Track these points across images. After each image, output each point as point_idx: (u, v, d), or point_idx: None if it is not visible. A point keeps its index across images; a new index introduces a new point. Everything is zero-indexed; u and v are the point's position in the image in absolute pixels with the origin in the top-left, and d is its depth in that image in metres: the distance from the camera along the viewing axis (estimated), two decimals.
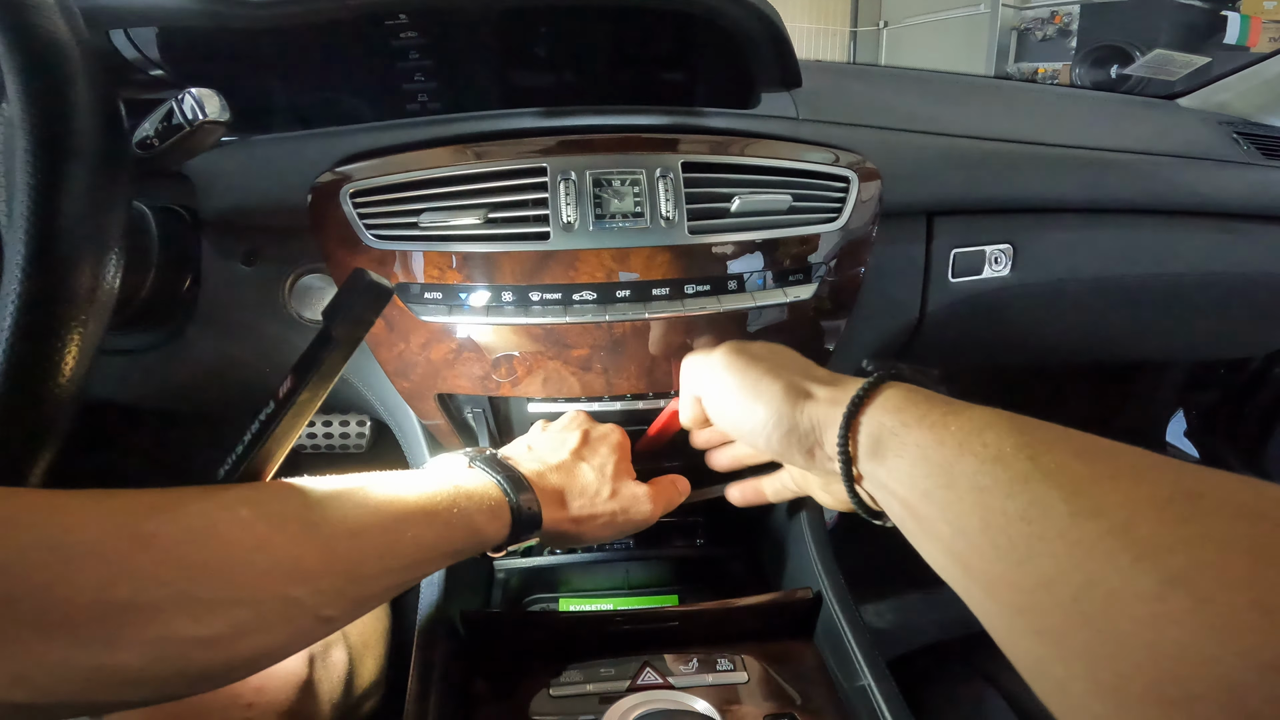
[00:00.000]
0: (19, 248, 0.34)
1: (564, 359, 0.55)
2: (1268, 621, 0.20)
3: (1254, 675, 0.20)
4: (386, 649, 0.76)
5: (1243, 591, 0.21)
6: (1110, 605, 0.23)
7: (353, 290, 0.37)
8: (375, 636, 0.74)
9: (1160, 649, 0.22)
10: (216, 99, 0.43)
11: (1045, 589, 0.25)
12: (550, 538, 0.50)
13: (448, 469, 0.47)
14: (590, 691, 0.52)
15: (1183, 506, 0.24)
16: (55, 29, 0.35)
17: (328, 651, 0.63)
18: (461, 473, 0.46)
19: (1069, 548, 0.25)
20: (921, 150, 0.66)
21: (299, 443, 1.03)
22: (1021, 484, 0.27)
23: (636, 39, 0.64)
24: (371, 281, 0.37)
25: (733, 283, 0.54)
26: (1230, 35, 3.09)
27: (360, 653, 0.69)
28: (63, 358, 0.34)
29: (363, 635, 0.71)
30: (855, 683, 0.52)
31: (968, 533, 0.29)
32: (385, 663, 0.75)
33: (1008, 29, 3.83)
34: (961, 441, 0.31)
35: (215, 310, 0.59)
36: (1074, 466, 0.27)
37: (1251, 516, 0.22)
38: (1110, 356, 1.01)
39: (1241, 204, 0.81)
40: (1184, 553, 0.22)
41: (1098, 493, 0.25)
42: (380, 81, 0.62)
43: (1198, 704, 0.21)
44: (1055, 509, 0.26)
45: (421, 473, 0.45)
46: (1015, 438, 0.29)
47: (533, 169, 0.52)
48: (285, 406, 0.38)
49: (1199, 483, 0.24)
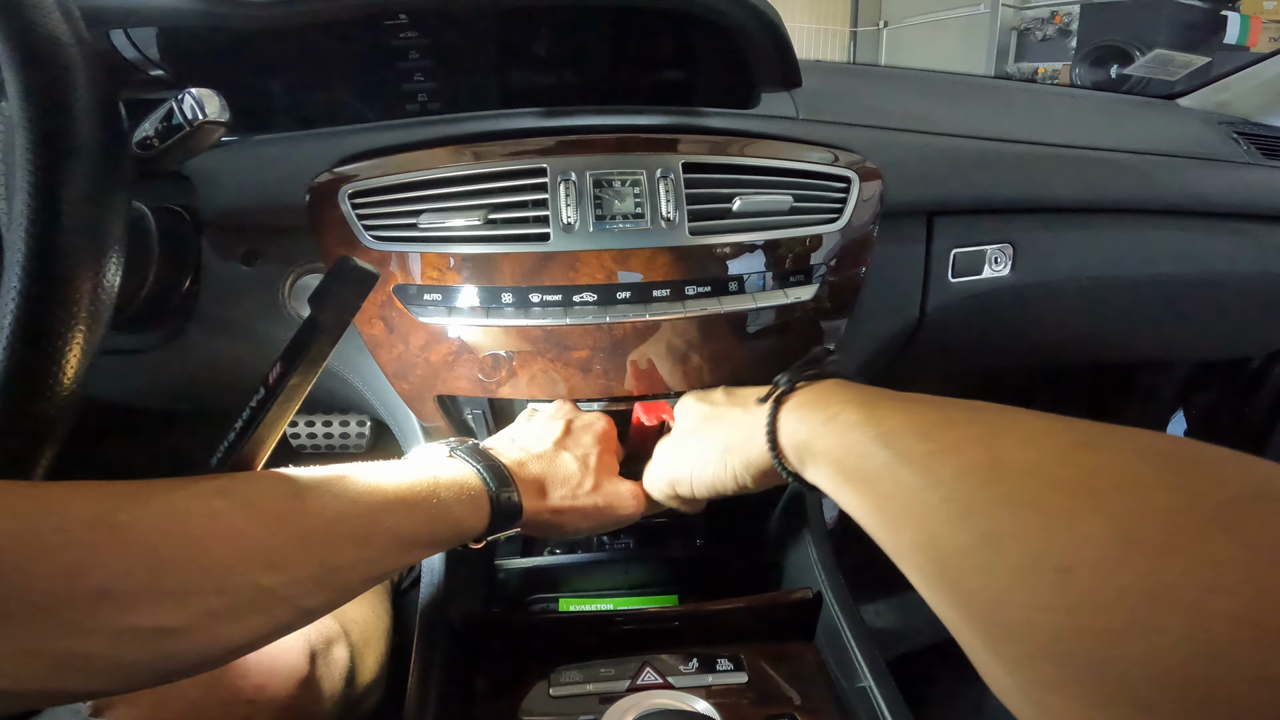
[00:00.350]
0: (19, 247, 0.34)
1: (564, 360, 0.55)
2: (1059, 577, 0.23)
3: (1043, 617, 0.24)
4: (387, 647, 0.75)
5: (1030, 544, 0.25)
6: (950, 561, 0.28)
7: (338, 276, 0.38)
8: (376, 634, 0.74)
9: (981, 597, 0.27)
10: (216, 99, 0.43)
11: (919, 552, 0.31)
12: (531, 528, 0.50)
13: (428, 459, 0.48)
14: (590, 691, 0.52)
15: (988, 471, 0.29)
16: (55, 28, 0.35)
17: (329, 649, 0.63)
18: (442, 463, 0.47)
19: (923, 517, 0.30)
20: (921, 150, 0.66)
21: (299, 443, 1.03)
22: (888, 470, 0.33)
23: (637, 39, 0.64)
24: (356, 267, 0.38)
25: (733, 284, 0.54)
26: (1230, 35, 3.09)
27: (361, 650, 0.69)
28: (64, 358, 0.34)
29: (364, 633, 0.71)
30: (855, 683, 0.52)
31: (868, 514, 0.35)
32: (385, 660, 0.74)
33: (1008, 29, 3.82)
34: (846, 447, 0.37)
35: (215, 310, 0.59)
36: (917, 448, 0.32)
37: (1038, 476, 0.27)
38: (1110, 356, 1.01)
39: (1242, 204, 0.81)
40: (988, 513, 0.27)
41: (935, 466, 0.31)
42: (380, 82, 0.62)
43: (1016, 644, 0.25)
44: (909, 484, 0.32)
45: (401, 463, 0.45)
46: (874, 429, 0.35)
47: (533, 169, 0.52)
48: (274, 394, 0.38)
49: (1006, 449, 0.29)
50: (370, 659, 0.71)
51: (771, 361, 0.60)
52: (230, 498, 0.35)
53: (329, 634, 0.64)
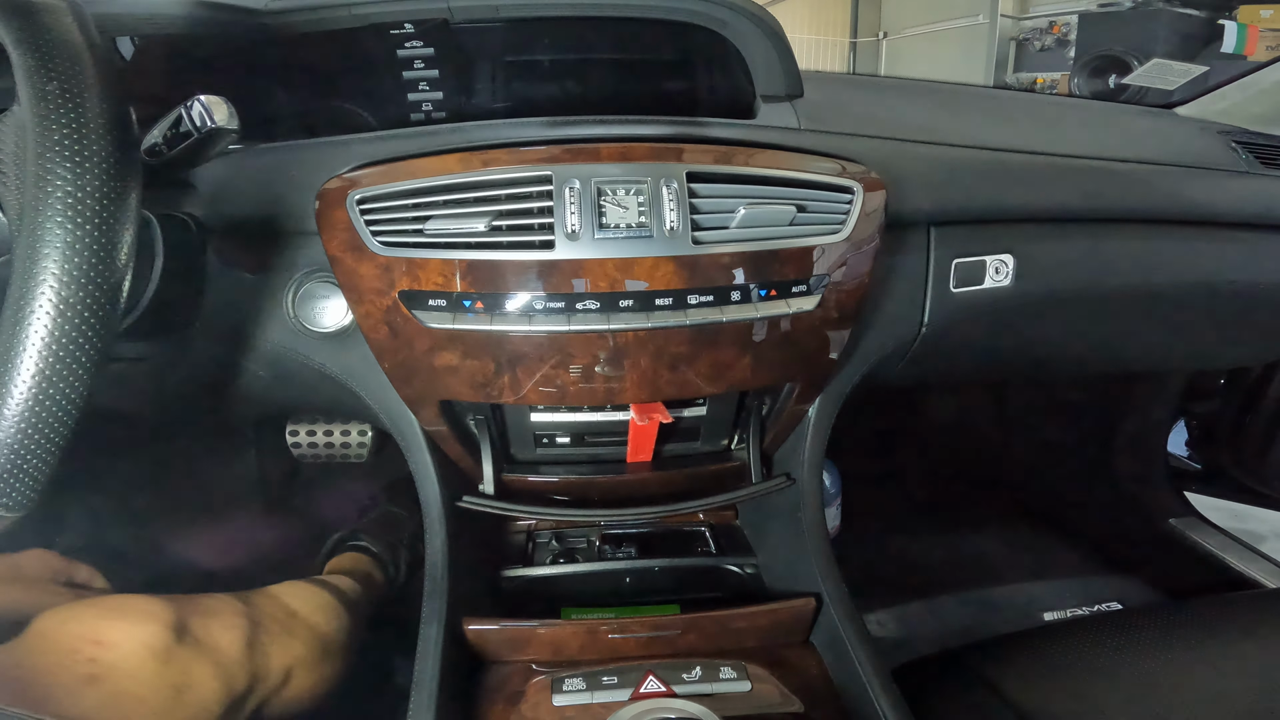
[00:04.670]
0: (29, 252, 0.34)
1: (566, 367, 0.55)
2: None
3: None
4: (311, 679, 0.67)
5: None
6: None
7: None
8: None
9: None
10: (225, 106, 0.44)
11: None
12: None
13: None
14: (593, 700, 0.52)
15: None
16: (68, 33, 0.36)
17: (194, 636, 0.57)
18: None
19: None
20: (922, 160, 0.66)
21: (300, 451, 1.03)
22: None
23: (640, 50, 0.65)
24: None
25: (736, 293, 0.55)
26: (1227, 44, 3.11)
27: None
28: (75, 362, 0.35)
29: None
30: (858, 691, 0.52)
31: None
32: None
33: (1006, 39, 3.85)
34: None
35: (219, 317, 0.59)
36: None
37: None
38: (1110, 366, 1.01)
39: (1241, 213, 0.81)
40: None
41: None
42: (385, 91, 0.62)
43: None
44: None
45: None
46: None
47: (538, 177, 0.53)
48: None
49: None
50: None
51: (773, 372, 0.60)
52: None
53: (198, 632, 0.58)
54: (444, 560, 0.60)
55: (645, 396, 0.58)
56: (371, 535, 0.92)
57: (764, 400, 0.66)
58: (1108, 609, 1.13)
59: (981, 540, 1.28)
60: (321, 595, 0.71)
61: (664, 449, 0.67)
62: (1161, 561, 1.20)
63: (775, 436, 0.68)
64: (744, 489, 0.67)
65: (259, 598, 0.65)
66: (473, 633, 0.57)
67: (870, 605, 1.05)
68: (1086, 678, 0.60)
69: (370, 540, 0.91)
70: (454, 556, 0.61)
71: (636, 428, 0.60)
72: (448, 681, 0.52)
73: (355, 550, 0.90)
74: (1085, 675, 0.60)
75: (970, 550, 1.25)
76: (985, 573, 1.19)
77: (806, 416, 0.67)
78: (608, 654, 0.56)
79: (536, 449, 0.67)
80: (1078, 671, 0.60)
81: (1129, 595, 1.17)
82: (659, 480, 0.67)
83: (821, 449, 0.68)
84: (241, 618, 0.61)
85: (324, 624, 0.68)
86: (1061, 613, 1.12)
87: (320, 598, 0.71)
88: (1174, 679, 0.60)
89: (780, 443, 0.70)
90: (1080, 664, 0.61)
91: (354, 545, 0.91)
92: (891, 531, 1.26)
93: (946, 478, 1.46)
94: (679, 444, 0.68)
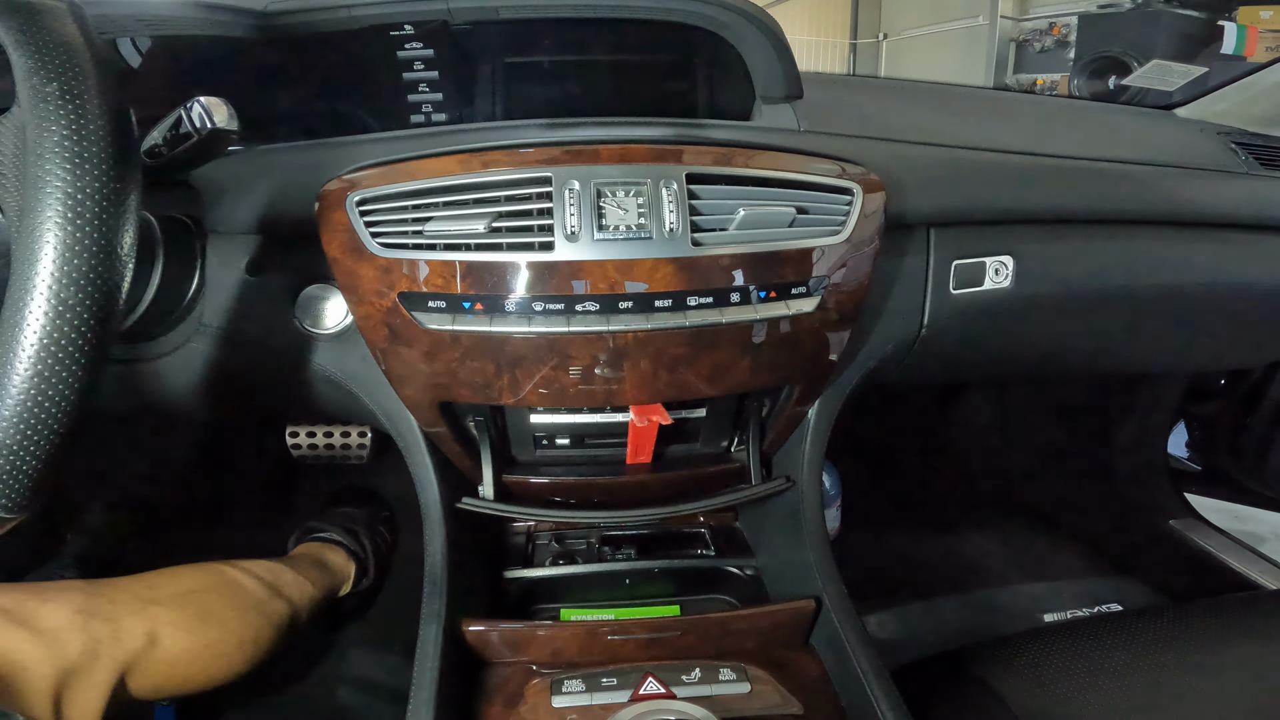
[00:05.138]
0: (28, 253, 0.34)
1: (565, 369, 0.55)
2: None
3: None
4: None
5: None
6: None
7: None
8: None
9: None
10: (225, 108, 0.44)
11: None
12: None
13: None
14: (592, 702, 0.52)
15: None
16: (68, 34, 0.36)
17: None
18: None
19: None
20: (921, 161, 0.66)
21: (300, 453, 1.03)
22: None
23: (640, 51, 0.65)
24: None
25: (735, 295, 0.55)
26: (1227, 45, 3.11)
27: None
28: (74, 363, 0.34)
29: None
30: (858, 692, 0.52)
31: None
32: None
33: (1006, 41, 3.85)
34: None
35: (218, 320, 0.59)
36: None
37: None
38: (1110, 368, 1.01)
39: (1240, 214, 0.81)
40: None
41: None
42: (385, 93, 0.62)
43: None
44: None
45: None
46: None
47: (537, 179, 0.53)
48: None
49: None
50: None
51: (773, 373, 0.60)
52: None
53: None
54: (443, 561, 0.60)
55: (645, 398, 0.58)
56: (333, 524, 1.01)
57: (764, 402, 0.66)
58: (1108, 610, 1.13)
59: (981, 541, 1.28)
60: (217, 570, 0.78)
61: (664, 450, 0.67)
62: (1161, 563, 1.20)
63: (775, 438, 0.68)
64: (744, 490, 0.67)
65: (125, 580, 0.70)
66: (472, 634, 0.57)
67: (870, 607, 1.05)
68: (1087, 679, 0.60)
69: (332, 530, 1.00)
70: (453, 558, 0.61)
71: (636, 429, 0.60)
72: (447, 682, 0.52)
73: (317, 540, 1.00)
74: (1085, 677, 0.60)
75: (970, 551, 1.25)
76: (985, 574, 1.19)
77: (806, 418, 0.67)
78: (607, 655, 0.56)
79: (536, 450, 0.67)
80: (1078, 673, 0.60)
81: (1129, 596, 1.17)
82: (659, 482, 0.67)
83: (821, 450, 0.68)
84: (76, 593, 0.64)
85: (201, 588, 0.74)
86: (1061, 614, 1.12)
87: (214, 573, 0.77)
88: (1174, 680, 0.60)
89: (780, 444, 0.70)
90: (1080, 665, 0.61)
91: (316, 536, 1.00)
92: (891, 533, 1.26)
93: (947, 479, 1.46)
94: (679, 445, 0.68)
